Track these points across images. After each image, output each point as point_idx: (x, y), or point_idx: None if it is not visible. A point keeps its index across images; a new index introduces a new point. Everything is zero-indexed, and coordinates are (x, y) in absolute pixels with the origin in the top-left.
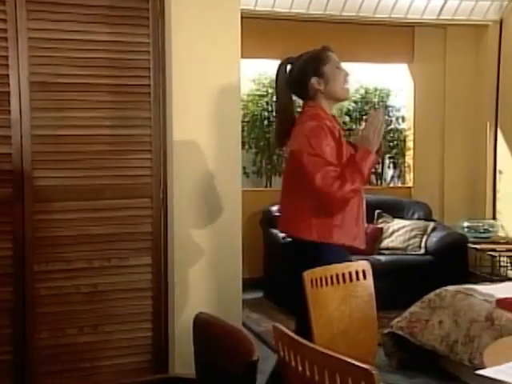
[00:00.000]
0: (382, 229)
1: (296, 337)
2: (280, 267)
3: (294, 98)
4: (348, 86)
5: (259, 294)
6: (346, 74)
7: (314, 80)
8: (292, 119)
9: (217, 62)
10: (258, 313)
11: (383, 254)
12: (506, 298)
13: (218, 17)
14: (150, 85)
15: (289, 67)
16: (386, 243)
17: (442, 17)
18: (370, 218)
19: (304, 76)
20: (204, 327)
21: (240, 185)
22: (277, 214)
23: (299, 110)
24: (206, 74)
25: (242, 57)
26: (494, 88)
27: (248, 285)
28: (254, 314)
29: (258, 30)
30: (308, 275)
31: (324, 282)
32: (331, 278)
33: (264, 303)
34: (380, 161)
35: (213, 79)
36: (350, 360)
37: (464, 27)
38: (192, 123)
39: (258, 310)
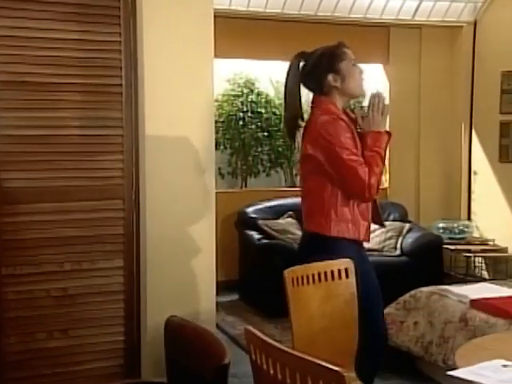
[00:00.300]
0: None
1: (268, 339)
2: (256, 269)
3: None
4: (363, 82)
5: (235, 297)
6: (361, 72)
7: (330, 77)
8: (300, 113)
9: (190, 61)
10: (234, 315)
11: None
12: (479, 299)
13: (191, 16)
14: (121, 84)
15: (302, 63)
16: (365, 245)
17: (416, 18)
18: None
19: (320, 72)
20: (175, 330)
21: (213, 186)
22: (253, 215)
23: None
24: (178, 73)
25: (217, 56)
26: (469, 89)
27: (223, 287)
28: (229, 317)
29: (232, 30)
30: (289, 274)
31: (305, 281)
32: (312, 276)
33: (239, 306)
34: None
35: (186, 79)
36: (321, 362)
37: (439, 28)
38: (165, 123)
39: (234, 313)
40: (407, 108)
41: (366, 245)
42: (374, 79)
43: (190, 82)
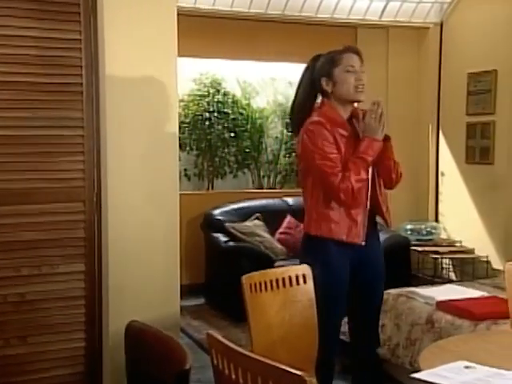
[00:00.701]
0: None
1: (229, 344)
2: (222, 272)
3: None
4: (361, 86)
5: (200, 301)
6: (358, 78)
7: (323, 81)
8: (307, 114)
9: (153, 60)
10: (199, 320)
11: None
12: (445, 301)
13: (154, 14)
14: (82, 83)
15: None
16: None
17: (384, 18)
18: None
19: (317, 75)
20: (136, 336)
21: (177, 187)
22: (219, 217)
23: None
24: (141, 72)
25: (182, 55)
26: (436, 90)
27: (189, 291)
28: (194, 321)
29: (198, 29)
30: (246, 280)
31: (263, 287)
32: (270, 282)
33: (205, 310)
34: None
35: (149, 78)
36: (282, 367)
37: (406, 29)
38: (127, 123)
39: (199, 317)
40: None
41: None
42: None
43: (153, 81)
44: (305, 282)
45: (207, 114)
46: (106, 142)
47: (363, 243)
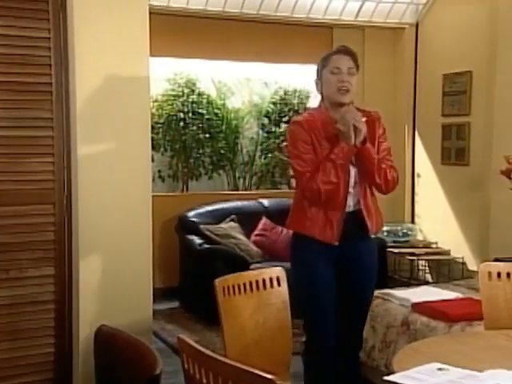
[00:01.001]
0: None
1: (200, 348)
2: (196, 275)
3: None
4: (343, 88)
5: (175, 304)
6: (341, 80)
7: (315, 81)
8: None
9: (124, 59)
10: (174, 324)
11: None
12: (420, 302)
13: (125, 11)
14: (51, 83)
15: None
16: None
17: (359, 18)
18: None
19: (316, 75)
20: (106, 340)
21: (150, 188)
22: (194, 219)
23: None
24: (113, 72)
25: (155, 55)
26: (412, 91)
27: (163, 294)
28: (169, 325)
29: (172, 28)
30: (220, 283)
31: (237, 290)
32: (244, 285)
33: (180, 313)
34: None
35: (120, 78)
36: (253, 370)
37: (382, 29)
38: (98, 124)
39: (174, 321)
40: None
41: None
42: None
43: (125, 80)
44: (279, 284)
45: (182, 115)
46: (76, 143)
47: (336, 243)
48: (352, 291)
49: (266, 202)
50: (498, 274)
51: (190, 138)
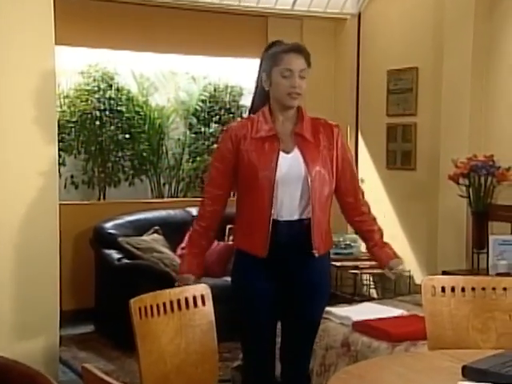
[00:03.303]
0: (233, 246)
1: (106, 378)
2: (115, 295)
3: None
4: (294, 94)
5: (89, 328)
6: (292, 85)
7: (263, 75)
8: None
9: (26, 49)
10: (88, 351)
11: None
12: (362, 321)
13: None
14: None
15: None
16: None
17: (296, 7)
18: (221, 234)
19: (262, 68)
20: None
21: (57, 197)
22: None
23: None
24: (13, 63)
25: (65, 44)
26: (354, 88)
27: (75, 318)
28: (81, 353)
29: (85, 14)
30: (135, 303)
31: (155, 311)
32: (164, 305)
33: (95, 339)
34: None
35: (22, 69)
36: None
37: (321, 20)
38: None
39: (88, 348)
40: None
41: None
42: (252, 75)
43: (27, 72)
44: (203, 303)
45: (98, 113)
46: None
47: (264, 255)
48: (298, 311)
49: (194, 210)
50: (443, 289)
51: (108, 138)
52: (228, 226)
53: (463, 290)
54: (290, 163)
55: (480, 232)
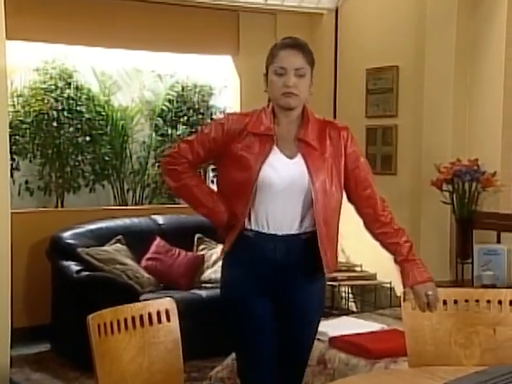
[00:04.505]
0: (203, 257)
1: None
2: (73, 310)
3: None
4: (288, 93)
5: (45, 347)
6: (286, 84)
7: (264, 74)
8: None
9: None
10: (43, 372)
11: (204, 288)
12: (339, 336)
13: None
14: None
15: None
16: (207, 274)
17: (270, 1)
18: (189, 244)
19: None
20: None
21: (8, 204)
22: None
23: None
24: None
25: (17, 38)
26: (331, 88)
27: (29, 335)
28: (36, 374)
29: (40, 6)
30: (94, 319)
31: (115, 328)
32: (125, 321)
33: (51, 358)
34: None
35: None
36: None
37: (296, 15)
38: None
39: (43, 369)
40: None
41: (213, 274)
42: (222, 74)
43: None
44: (168, 319)
45: (55, 113)
46: None
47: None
48: (291, 329)
49: (160, 218)
50: None
51: (66, 141)
52: (197, 236)
53: (445, 302)
54: (292, 171)
55: (464, 241)
